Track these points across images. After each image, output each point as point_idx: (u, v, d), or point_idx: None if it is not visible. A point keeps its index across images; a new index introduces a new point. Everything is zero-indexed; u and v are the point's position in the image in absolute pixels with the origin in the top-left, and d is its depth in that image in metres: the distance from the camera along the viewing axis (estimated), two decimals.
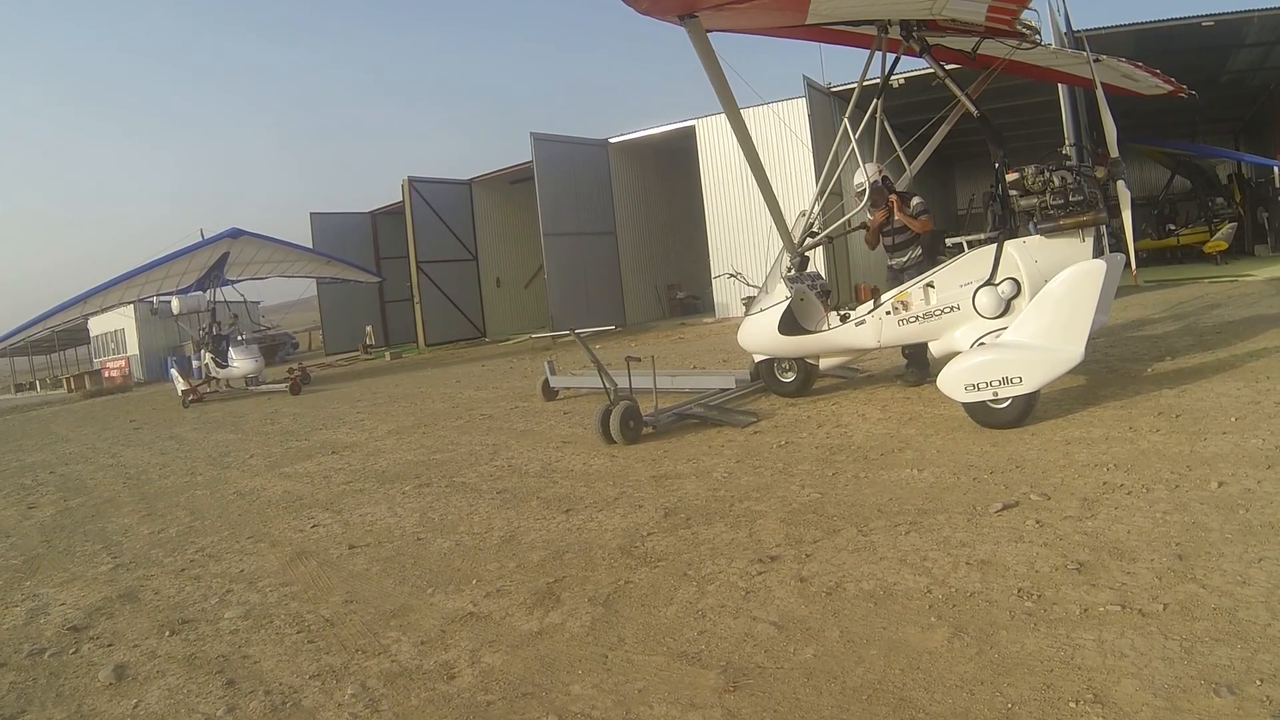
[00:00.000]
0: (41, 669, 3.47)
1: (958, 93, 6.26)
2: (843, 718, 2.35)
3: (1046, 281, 5.34)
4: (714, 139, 20.23)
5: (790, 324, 6.73)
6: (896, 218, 6.81)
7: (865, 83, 7.19)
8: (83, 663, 3.48)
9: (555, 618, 3.28)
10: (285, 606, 3.82)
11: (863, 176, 6.76)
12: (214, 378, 16.67)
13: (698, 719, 2.42)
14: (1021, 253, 5.65)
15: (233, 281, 17.81)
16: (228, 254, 16.52)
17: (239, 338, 16.72)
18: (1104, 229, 6.41)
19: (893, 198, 6.78)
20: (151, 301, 18.62)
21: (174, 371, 17.81)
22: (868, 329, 6.41)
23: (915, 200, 6.84)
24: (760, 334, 7.03)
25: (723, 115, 6.44)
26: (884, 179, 6.85)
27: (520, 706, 2.63)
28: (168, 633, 3.66)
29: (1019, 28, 5.73)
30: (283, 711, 2.81)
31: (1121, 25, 14.39)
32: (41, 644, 3.74)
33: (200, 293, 17.45)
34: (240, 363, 16.18)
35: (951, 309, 5.93)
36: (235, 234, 16.25)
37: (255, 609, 3.83)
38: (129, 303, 17.50)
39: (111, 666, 3.35)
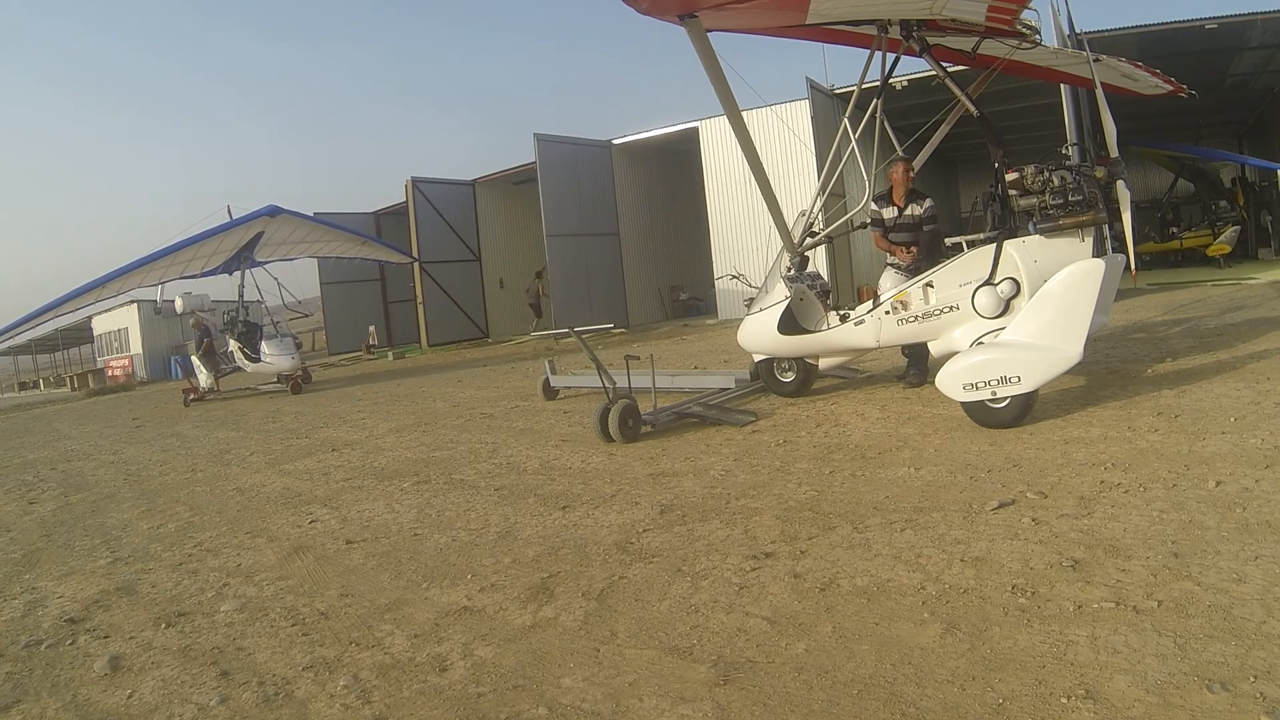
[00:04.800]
0: (38, 660, 3.47)
1: (958, 93, 6.26)
2: (833, 711, 2.34)
3: (1046, 281, 5.33)
4: (717, 140, 20.25)
5: (790, 324, 6.73)
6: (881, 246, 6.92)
7: (865, 83, 7.19)
8: (79, 654, 3.48)
9: (549, 612, 3.28)
10: (281, 600, 3.82)
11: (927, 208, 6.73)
12: (238, 369, 15.18)
13: (688, 712, 2.42)
14: (1021, 252, 5.64)
15: (262, 263, 16.44)
16: (261, 234, 15.23)
17: (275, 326, 15.00)
18: (1104, 229, 6.39)
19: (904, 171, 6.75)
20: (155, 301, 18.36)
21: (195, 360, 16.38)
22: (867, 329, 6.41)
23: (928, 202, 6.74)
24: (760, 334, 7.03)
25: (725, 116, 6.44)
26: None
27: (511, 698, 2.63)
28: (164, 625, 3.66)
29: (1019, 28, 5.73)
30: (275, 702, 2.81)
31: (1124, 28, 14.38)
32: (39, 635, 3.75)
33: (206, 293, 17.16)
34: (275, 359, 14.41)
35: (951, 309, 5.92)
36: (273, 212, 14.83)
37: (251, 602, 3.84)
38: (151, 285, 15.83)
39: (107, 658, 3.36)
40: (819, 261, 14.79)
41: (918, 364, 7.02)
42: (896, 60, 6.92)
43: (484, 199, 26.36)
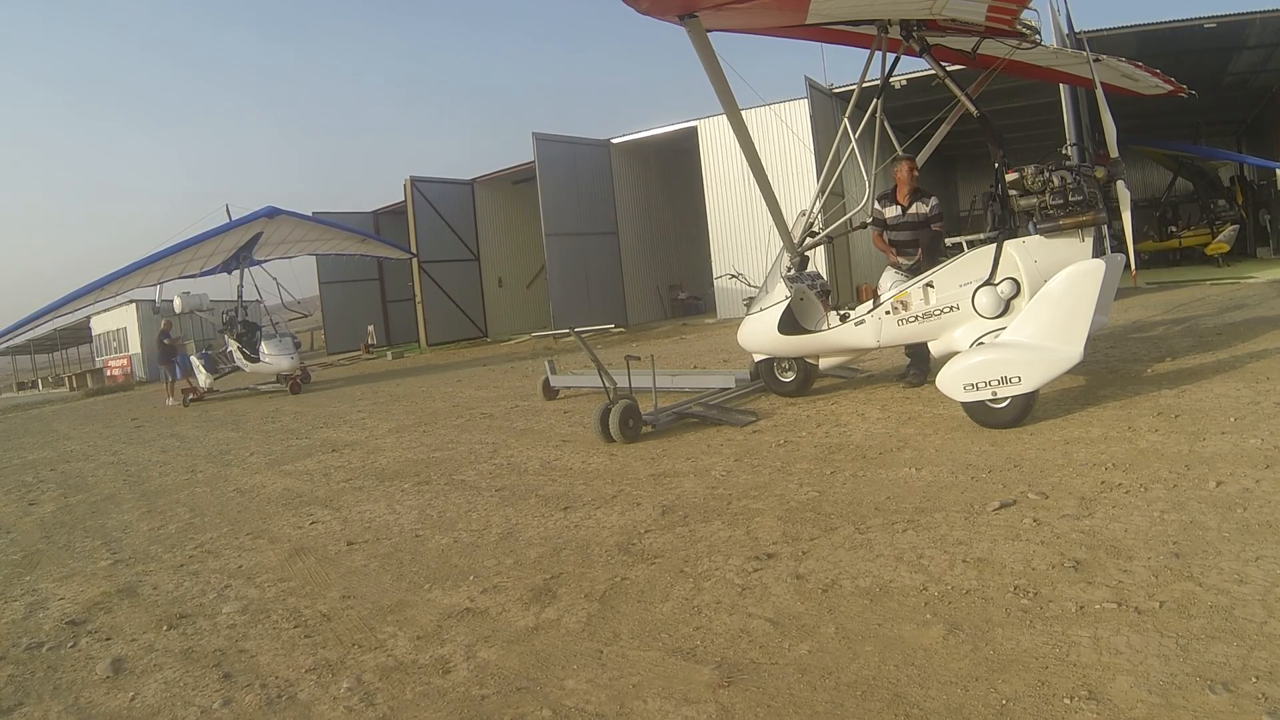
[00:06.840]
0: (40, 662, 3.47)
1: (958, 93, 6.26)
2: (837, 713, 2.35)
3: (1046, 281, 5.34)
4: (716, 139, 20.26)
5: (790, 324, 6.73)
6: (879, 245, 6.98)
7: (865, 83, 7.19)
8: (81, 656, 3.48)
9: (551, 613, 3.28)
10: (283, 602, 3.82)
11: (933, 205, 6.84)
12: (237, 368, 15.45)
13: (692, 714, 2.42)
14: (1021, 253, 5.64)
15: (261, 262, 16.61)
16: (260, 234, 15.43)
17: (274, 326, 15.21)
18: (1104, 229, 6.41)
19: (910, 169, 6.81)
20: (154, 300, 18.39)
21: (194, 360, 16.52)
22: (867, 329, 6.41)
23: (933, 200, 6.80)
24: (760, 334, 7.04)
25: (724, 116, 6.44)
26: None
27: (514, 701, 2.63)
28: (165, 627, 3.66)
29: (1019, 28, 5.73)
30: (278, 704, 2.81)
31: (1123, 26, 14.41)
32: (40, 638, 3.75)
33: (204, 293, 17.23)
34: (274, 359, 14.60)
35: (951, 309, 5.92)
36: (272, 213, 15.01)
37: (253, 604, 3.84)
38: (150, 286, 15.84)
39: (109, 660, 3.36)
40: (819, 261, 14.81)
41: (918, 364, 7.03)
42: (896, 60, 6.93)
43: (483, 198, 26.34)
